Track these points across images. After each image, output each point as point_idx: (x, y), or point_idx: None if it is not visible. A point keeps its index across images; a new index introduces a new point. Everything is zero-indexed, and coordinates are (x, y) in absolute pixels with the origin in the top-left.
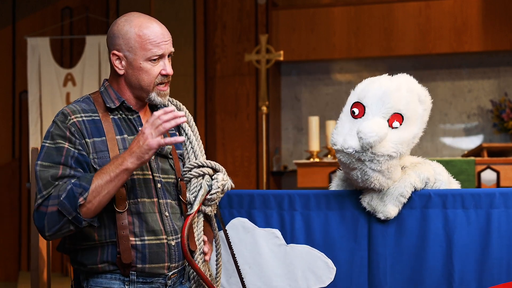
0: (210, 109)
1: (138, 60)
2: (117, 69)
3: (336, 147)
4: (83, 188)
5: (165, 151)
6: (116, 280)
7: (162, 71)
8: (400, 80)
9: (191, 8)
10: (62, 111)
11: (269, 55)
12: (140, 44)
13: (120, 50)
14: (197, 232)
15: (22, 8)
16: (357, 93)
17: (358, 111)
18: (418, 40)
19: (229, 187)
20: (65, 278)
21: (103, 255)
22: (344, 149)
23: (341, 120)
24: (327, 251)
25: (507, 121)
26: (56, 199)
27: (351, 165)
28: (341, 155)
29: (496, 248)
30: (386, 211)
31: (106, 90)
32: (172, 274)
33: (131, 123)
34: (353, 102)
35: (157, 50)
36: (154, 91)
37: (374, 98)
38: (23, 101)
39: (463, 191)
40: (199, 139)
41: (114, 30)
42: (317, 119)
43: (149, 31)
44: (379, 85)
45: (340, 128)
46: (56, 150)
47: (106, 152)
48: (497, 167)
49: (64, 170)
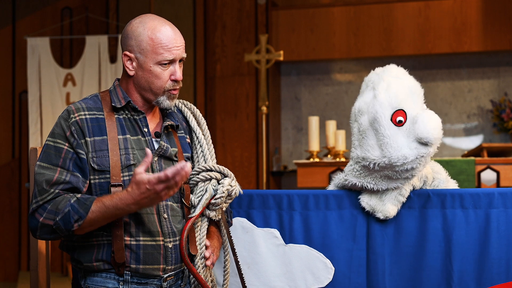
0: (210, 109)
1: (149, 63)
2: (127, 70)
3: (410, 159)
4: (79, 216)
5: (169, 153)
6: (111, 279)
7: (171, 76)
8: (396, 72)
9: (191, 8)
10: (67, 108)
11: (269, 55)
12: (151, 47)
13: (132, 51)
14: (199, 236)
15: (22, 8)
16: (390, 103)
17: (404, 118)
18: (417, 40)
19: (236, 193)
20: (64, 278)
21: (98, 253)
22: (418, 156)
23: (388, 137)
24: (325, 251)
25: (507, 121)
26: (52, 215)
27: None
28: (414, 164)
29: (495, 248)
30: (385, 211)
31: (114, 89)
32: (168, 277)
33: (136, 124)
34: (392, 113)
35: (168, 55)
36: (165, 95)
37: (407, 97)
38: (23, 101)
39: (462, 191)
40: (210, 143)
41: (128, 31)
42: (317, 119)
43: (161, 35)
44: (401, 84)
45: (395, 144)
46: (55, 150)
47: (106, 152)
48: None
49: (60, 174)
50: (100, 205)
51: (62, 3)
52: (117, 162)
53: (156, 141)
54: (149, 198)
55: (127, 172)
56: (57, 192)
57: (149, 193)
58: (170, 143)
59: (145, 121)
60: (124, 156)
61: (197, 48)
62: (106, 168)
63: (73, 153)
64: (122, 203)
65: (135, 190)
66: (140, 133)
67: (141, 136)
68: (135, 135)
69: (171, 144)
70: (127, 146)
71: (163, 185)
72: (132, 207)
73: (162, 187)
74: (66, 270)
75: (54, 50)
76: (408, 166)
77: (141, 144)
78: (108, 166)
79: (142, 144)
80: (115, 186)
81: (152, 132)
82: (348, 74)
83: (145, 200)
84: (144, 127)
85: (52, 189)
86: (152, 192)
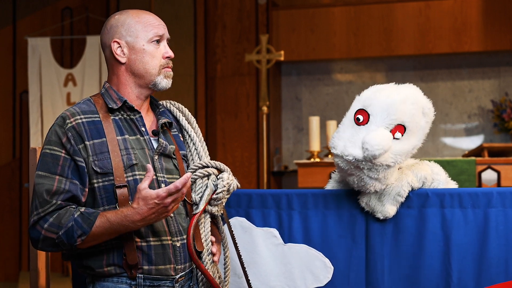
0: (210, 109)
1: (141, 42)
2: (119, 58)
3: (335, 152)
4: (83, 231)
5: (168, 150)
6: (123, 283)
7: (164, 54)
8: (406, 91)
9: (191, 8)
10: (62, 114)
11: (270, 55)
12: (141, 26)
13: (121, 38)
14: (204, 233)
15: (22, 8)
16: (362, 100)
17: (363, 118)
18: (418, 40)
19: (235, 186)
20: (65, 278)
21: (109, 258)
22: (344, 155)
23: (343, 125)
24: (324, 250)
25: (507, 121)
26: (55, 228)
27: (348, 171)
28: (340, 160)
29: (494, 247)
30: (384, 211)
31: (107, 91)
32: (179, 277)
33: (133, 123)
34: (358, 109)
35: (158, 30)
36: (161, 74)
37: (379, 107)
38: (23, 101)
39: (460, 190)
40: (202, 140)
41: (111, 22)
42: (318, 119)
43: (146, 15)
44: (386, 95)
45: (342, 133)
46: (52, 158)
47: (107, 154)
48: (497, 167)
49: (59, 183)
50: (104, 221)
51: (62, 3)
52: (119, 163)
53: (154, 139)
54: (158, 213)
55: (130, 172)
56: (59, 203)
57: (157, 208)
58: (167, 140)
59: (141, 120)
60: (126, 157)
61: (198, 48)
62: (109, 170)
63: (70, 160)
64: (127, 220)
65: (142, 207)
66: (138, 132)
67: (139, 136)
68: (133, 135)
69: (168, 142)
70: (127, 147)
71: (172, 198)
72: (139, 224)
73: (171, 200)
74: (66, 270)
75: (54, 50)
76: (337, 159)
77: (140, 143)
78: (110, 168)
79: (141, 143)
80: (120, 187)
81: (149, 130)
82: (348, 74)
83: (153, 215)
84: (142, 126)
85: (53, 200)
86: (161, 206)
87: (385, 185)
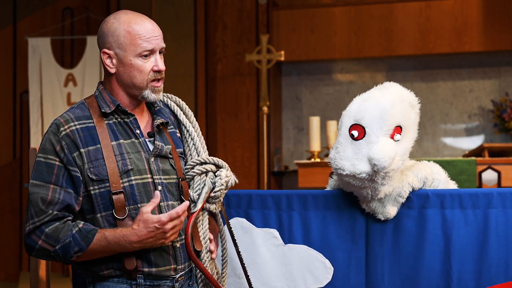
0: (210, 109)
1: (128, 57)
2: (108, 68)
3: (345, 173)
4: (80, 248)
5: (164, 151)
6: (124, 284)
7: (154, 67)
8: (391, 92)
9: (192, 8)
10: (55, 121)
11: (270, 55)
12: (129, 40)
13: (110, 48)
14: (202, 231)
15: (22, 8)
16: (352, 114)
17: (358, 133)
18: (418, 40)
19: (232, 183)
20: (65, 278)
21: (108, 263)
22: (356, 174)
23: (341, 144)
24: (324, 251)
25: (508, 121)
26: (52, 241)
27: (361, 186)
28: (351, 179)
29: (494, 248)
30: (385, 212)
31: (100, 94)
32: (179, 277)
33: (128, 127)
34: (351, 125)
35: (147, 45)
36: (148, 88)
37: (373, 118)
38: (23, 101)
39: (461, 191)
40: (200, 135)
41: (104, 29)
42: (318, 119)
43: (138, 27)
44: (374, 104)
45: (342, 152)
46: (47, 167)
47: (102, 160)
48: (498, 167)
49: (54, 192)
50: (101, 239)
51: (62, 3)
52: (114, 169)
53: (150, 141)
54: (156, 238)
55: (126, 178)
56: (55, 213)
57: (157, 232)
58: (163, 141)
59: (136, 122)
60: (121, 162)
61: (198, 48)
62: (105, 177)
63: (64, 169)
64: (125, 240)
65: (142, 229)
66: (133, 135)
67: (134, 139)
68: (128, 138)
69: (164, 142)
70: (122, 152)
71: (172, 224)
72: (135, 246)
73: (171, 226)
74: (66, 270)
75: (55, 50)
76: (348, 179)
77: (135, 147)
78: (106, 175)
79: (136, 147)
80: (116, 193)
81: (144, 132)
82: (349, 74)
83: (151, 239)
84: (136, 129)
85: (49, 210)
86: (161, 231)
87: (392, 187)
